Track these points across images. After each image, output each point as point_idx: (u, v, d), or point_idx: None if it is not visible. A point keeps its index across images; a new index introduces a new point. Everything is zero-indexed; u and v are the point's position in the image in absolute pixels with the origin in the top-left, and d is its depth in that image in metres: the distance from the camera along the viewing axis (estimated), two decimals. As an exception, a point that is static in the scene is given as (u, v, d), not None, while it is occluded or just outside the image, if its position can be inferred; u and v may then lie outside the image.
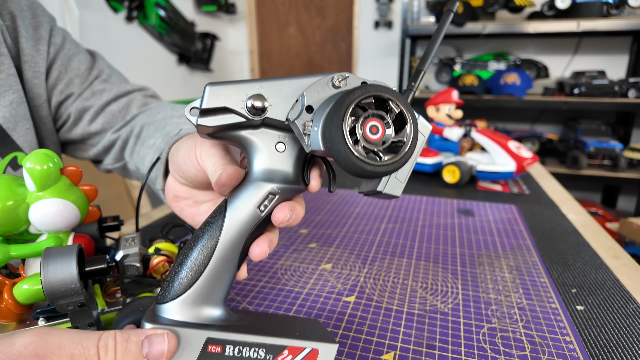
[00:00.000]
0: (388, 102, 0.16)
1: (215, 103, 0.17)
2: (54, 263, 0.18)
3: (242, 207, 0.18)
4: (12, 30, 0.33)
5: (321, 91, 0.17)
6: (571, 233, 0.41)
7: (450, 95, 0.60)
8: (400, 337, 0.24)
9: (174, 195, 0.25)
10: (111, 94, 0.38)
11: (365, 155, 0.15)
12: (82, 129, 0.38)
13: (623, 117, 1.63)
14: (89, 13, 1.38)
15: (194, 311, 0.17)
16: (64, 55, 0.36)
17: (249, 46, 2.24)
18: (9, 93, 0.32)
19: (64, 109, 0.37)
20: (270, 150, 0.18)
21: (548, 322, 0.26)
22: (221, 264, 0.18)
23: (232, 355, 0.17)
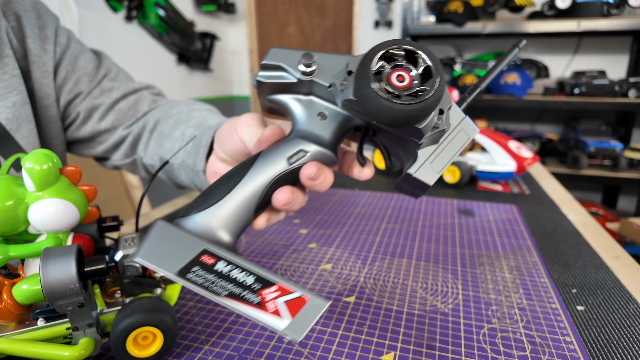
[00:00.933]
0: (418, 57, 0.17)
1: (273, 60, 0.19)
2: (53, 263, 0.18)
3: (273, 155, 0.19)
4: (17, 31, 0.33)
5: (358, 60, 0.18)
6: (571, 233, 0.41)
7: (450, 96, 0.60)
8: (400, 338, 0.24)
9: (213, 172, 0.28)
10: (120, 92, 0.39)
11: (386, 94, 0.16)
12: (91, 127, 0.38)
13: (623, 117, 1.63)
14: (88, 13, 1.38)
15: (205, 228, 0.18)
16: (70, 55, 0.37)
17: (248, 46, 2.24)
18: (12, 94, 0.32)
19: (73, 107, 0.38)
20: (312, 116, 0.20)
21: (548, 323, 0.26)
22: (241, 197, 0.18)
23: (221, 271, 0.17)
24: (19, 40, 0.33)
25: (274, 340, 0.24)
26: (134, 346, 0.21)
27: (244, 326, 0.26)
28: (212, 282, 0.16)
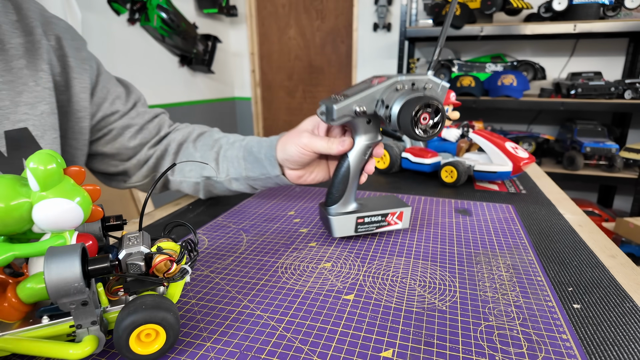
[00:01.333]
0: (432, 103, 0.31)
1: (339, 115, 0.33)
2: (58, 262, 0.18)
3: (357, 154, 0.36)
4: (57, 50, 0.37)
5: (390, 94, 0.32)
6: (568, 232, 0.41)
7: (448, 97, 0.61)
8: (399, 335, 0.25)
9: (297, 177, 0.40)
10: (149, 115, 0.46)
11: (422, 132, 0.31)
12: (120, 144, 0.43)
13: (619, 118, 1.64)
14: (91, 15, 1.39)
15: (344, 207, 0.37)
16: (104, 79, 0.42)
17: (249, 48, 2.25)
18: (42, 104, 0.35)
19: (106, 123, 0.42)
20: (364, 125, 0.35)
21: (545, 320, 0.26)
22: (351, 183, 0.36)
23: (365, 221, 0.37)
24: (59, 58, 0.37)
25: (274, 338, 0.25)
26: (137, 343, 0.21)
27: (245, 324, 0.26)
28: (366, 226, 0.37)
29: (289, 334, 0.25)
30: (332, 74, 2.17)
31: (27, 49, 0.34)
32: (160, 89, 1.73)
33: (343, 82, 2.16)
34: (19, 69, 0.33)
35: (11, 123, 0.32)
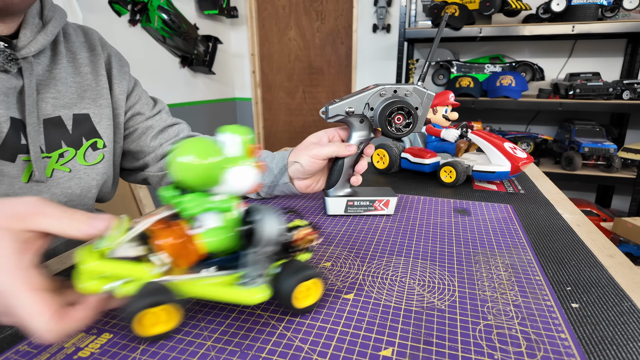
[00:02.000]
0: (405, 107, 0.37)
1: (332, 113, 0.40)
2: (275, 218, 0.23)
3: (352, 149, 0.42)
4: (107, 63, 0.48)
5: (375, 98, 0.39)
6: (566, 232, 0.41)
7: (447, 97, 0.61)
8: (398, 334, 0.25)
9: (305, 186, 0.46)
10: (170, 121, 0.53)
11: (395, 130, 0.38)
12: (143, 142, 0.51)
13: (617, 118, 1.65)
14: (92, 16, 1.39)
15: (339, 191, 0.44)
16: (137, 90, 0.51)
17: (250, 49, 2.25)
18: (101, 99, 0.45)
19: (132, 122, 0.50)
20: (358, 123, 0.42)
21: (543, 319, 0.26)
22: (345, 171, 0.43)
23: (354, 204, 0.44)
24: (107, 69, 0.47)
25: (274, 337, 0.25)
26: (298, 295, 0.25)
27: (245, 322, 0.26)
28: (355, 209, 0.44)
29: (289, 333, 0.25)
30: (332, 74, 2.17)
31: (91, 61, 0.46)
32: (161, 90, 1.73)
33: (343, 83, 2.17)
34: (85, 74, 0.45)
35: (78, 109, 0.43)
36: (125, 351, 0.23)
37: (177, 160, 0.21)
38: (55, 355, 0.23)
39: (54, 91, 0.41)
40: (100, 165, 0.45)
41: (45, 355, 0.23)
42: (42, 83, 0.40)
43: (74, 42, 0.45)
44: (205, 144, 0.22)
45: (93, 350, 0.24)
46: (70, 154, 0.42)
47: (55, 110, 0.40)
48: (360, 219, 0.45)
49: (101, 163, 0.45)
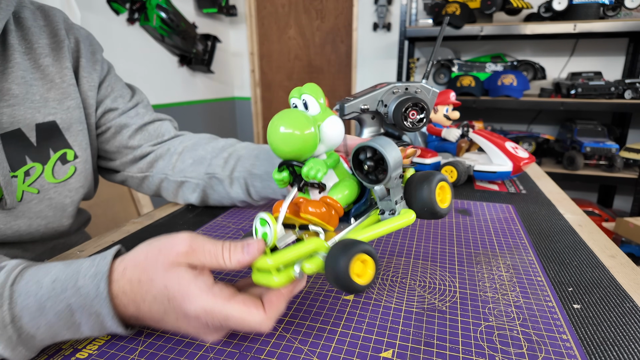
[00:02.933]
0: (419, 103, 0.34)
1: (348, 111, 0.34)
2: (392, 146, 0.24)
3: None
4: (74, 51, 0.40)
5: (388, 96, 0.36)
6: (568, 232, 0.41)
7: (448, 97, 0.61)
8: (398, 335, 0.25)
9: None
10: (150, 117, 0.46)
11: (410, 125, 0.33)
12: (119, 142, 0.44)
13: (619, 118, 1.64)
14: (91, 15, 1.38)
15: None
16: (110, 78, 0.44)
17: (249, 48, 2.25)
18: (68, 99, 0.38)
19: (105, 120, 0.44)
20: (370, 120, 0.38)
21: (545, 320, 0.26)
22: None
23: None
24: (74, 58, 0.40)
25: (274, 338, 0.24)
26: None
27: (244, 324, 0.26)
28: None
29: (288, 334, 0.25)
30: (332, 73, 2.17)
31: (52, 49, 0.37)
32: (160, 89, 1.73)
33: (343, 82, 2.16)
34: (46, 67, 0.37)
35: (42, 116, 0.36)
36: (123, 352, 0.23)
37: (281, 132, 0.22)
38: (53, 357, 0.23)
39: (8, 97, 0.33)
40: (72, 180, 0.39)
41: (43, 357, 0.23)
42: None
43: (30, 27, 0.36)
44: (296, 113, 0.23)
45: (91, 351, 0.23)
46: (36, 170, 0.35)
47: (12, 121, 0.33)
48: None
49: (73, 177, 0.39)
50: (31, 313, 0.21)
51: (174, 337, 0.25)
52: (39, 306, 0.21)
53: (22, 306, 0.21)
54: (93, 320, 0.22)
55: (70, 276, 0.22)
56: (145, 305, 0.22)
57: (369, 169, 0.25)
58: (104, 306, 0.22)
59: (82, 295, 0.22)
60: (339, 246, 0.22)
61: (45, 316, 0.21)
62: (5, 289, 0.21)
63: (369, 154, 0.25)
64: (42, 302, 0.21)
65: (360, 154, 0.26)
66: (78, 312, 0.22)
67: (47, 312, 0.21)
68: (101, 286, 0.22)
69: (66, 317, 0.22)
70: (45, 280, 0.22)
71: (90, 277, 0.22)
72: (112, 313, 0.22)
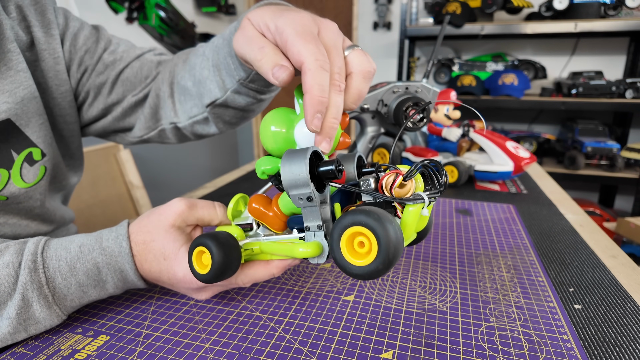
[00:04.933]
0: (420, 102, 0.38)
1: None
2: (292, 158, 0.20)
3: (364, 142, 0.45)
4: (21, 22, 0.32)
5: (388, 95, 0.40)
6: (569, 232, 0.41)
7: (449, 96, 0.61)
8: (399, 336, 0.25)
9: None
10: (123, 62, 0.39)
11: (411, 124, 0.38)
12: (102, 102, 0.39)
13: (620, 118, 1.64)
14: (89, 14, 1.38)
15: None
16: (70, 34, 0.36)
17: (248, 47, 2.24)
18: (19, 89, 0.31)
19: (81, 87, 0.38)
20: (370, 119, 0.44)
21: (546, 321, 0.26)
22: None
23: None
24: (24, 31, 0.33)
25: (274, 339, 0.24)
26: (349, 250, 0.19)
27: (244, 324, 0.26)
28: None
29: (288, 335, 0.25)
30: (332, 73, 2.16)
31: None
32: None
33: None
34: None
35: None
36: (122, 353, 0.23)
37: (271, 130, 0.23)
38: (51, 358, 0.23)
39: None
40: (43, 182, 0.34)
41: (42, 358, 0.23)
42: None
43: None
44: (289, 113, 0.24)
45: (90, 352, 0.23)
46: (3, 177, 0.31)
47: None
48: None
49: (44, 179, 0.34)
50: (63, 274, 0.24)
51: (173, 338, 0.24)
52: (70, 267, 0.24)
53: (54, 269, 0.24)
54: (117, 275, 0.25)
55: (95, 240, 0.25)
56: (147, 264, 0.25)
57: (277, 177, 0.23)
58: (127, 262, 0.25)
59: (108, 254, 0.25)
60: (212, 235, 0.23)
61: (75, 276, 0.24)
62: (38, 255, 0.24)
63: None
64: (72, 264, 0.24)
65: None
66: (104, 269, 0.25)
67: (77, 272, 0.24)
68: (123, 244, 0.25)
69: (94, 274, 0.25)
70: (72, 246, 0.25)
71: (113, 239, 0.25)
72: (134, 268, 0.25)
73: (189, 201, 0.26)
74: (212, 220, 0.27)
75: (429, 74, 0.46)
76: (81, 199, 0.72)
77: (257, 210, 0.24)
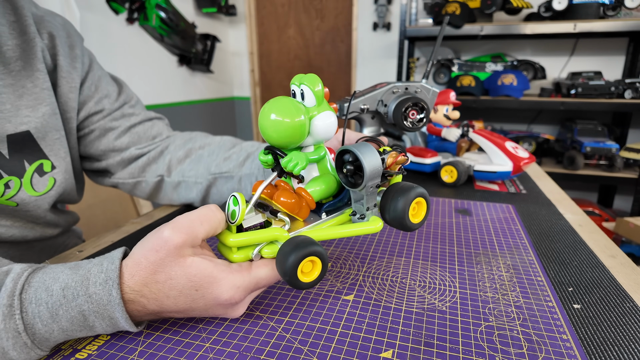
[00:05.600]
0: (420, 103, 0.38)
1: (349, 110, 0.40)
2: (371, 154, 0.24)
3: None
4: (50, 48, 0.36)
5: (388, 96, 0.40)
6: (568, 232, 0.41)
7: (448, 96, 0.61)
8: (398, 335, 0.25)
9: None
10: (138, 117, 0.44)
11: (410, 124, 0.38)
12: (105, 145, 0.42)
13: (619, 118, 1.64)
14: (90, 14, 1.38)
15: None
16: (93, 75, 0.40)
17: (248, 47, 2.25)
18: (42, 105, 0.35)
19: (89, 123, 0.41)
20: (369, 119, 0.44)
21: (545, 321, 0.26)
22: None
23: None
24: (51, 57, 0.36)
25: (274, 339, 0.24)
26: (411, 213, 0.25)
27: (244, 324, 0.26)
28: None
29: (288, 335, 0.25)
30: (332, 73, 2.17)
31: (23, 49, 0.34)
32: (159, 89, 1.73)
33: (343, 82, 2.16)
34: (17, 72, 0.33)
35: (13, 126, 0.33)
36: (122, 353, 0.23)
37: (271, 118, 0.23)
38: (52, 357, 0.23)
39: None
40: (52, 193, 0.36)
41: (43, 357, 0.23)
42: None
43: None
44: (289, 102, 0.23)
45: (90, 352, 0.23)
46: (15, 184, 0.33)
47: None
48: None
49: (53, 189, 0.36)
50: (43, 320, 0.21)
51: (173, 338, 0.25)
52: (52, 314, 0.21)
53: (34, 314, 0.21)
54: (107, 322, 0.22)
55: (80, 283, 0.22)
56: (170, 301, 0.23)
57: (347, 172, 0.25)
58: (117, 311, 0.22)
59: (95, 302, 0.22)
60: (292, 243, 0.22)
61: (58, 322, 0.21)
62: (15, 298, 0.21)
63: (351, 158, 0.25)
64: (54, 310, 0.21)
65: (345, 155, 0.26)
66: (91, 316, 0.22)
67: (60, 319, 0.21)
68: (113, 293, 0.22)
69: (79, 321, 0.22)
70: (54, 287, 0.22)
71: (101, 283, 0.22)
72: (126, 316, 0.22)
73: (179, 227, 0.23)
74: (218, 229, 0.24)
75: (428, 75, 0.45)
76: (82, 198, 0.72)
77: (290, 204, 0.24)
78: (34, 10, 0.36)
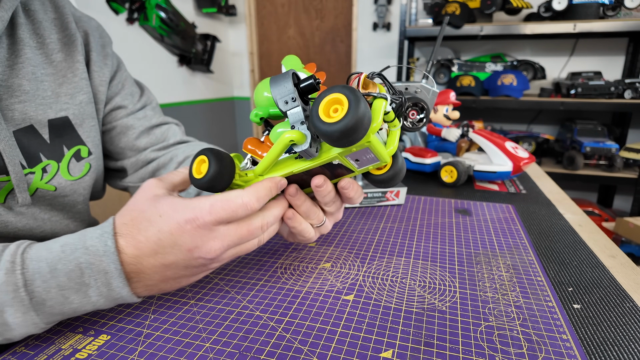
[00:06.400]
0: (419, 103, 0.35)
1: None
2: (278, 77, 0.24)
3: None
4: (85, 45, 0.39)
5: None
6: (568, 232, 0.41)
7: (448, 97, 0.61)
8: (398, 335, 0.25)
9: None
10: (157, 120, 0.46)
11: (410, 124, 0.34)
12: (124, 143, 0.43)
13: (619, 118, 1.64)
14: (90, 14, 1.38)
15: None
16: (120, 75, 0.43)
17: (248, 48, 2.25)
18: (80, 94, 0.37)
19: (112, 119, 0.42)
20: None
21: (545, 320, 0.26)
22: None
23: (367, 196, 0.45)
24: (86, 52, 0.39)
25: (274, 338, 0.24)
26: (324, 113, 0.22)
27: (244, 324, 0.26)
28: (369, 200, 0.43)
29: (288, 335, 0.25)
30: (332, 73, 2.17)
31: (64, 43, 0.37)
32: (159, 89, 1.73)
33: (342, 82, 2.15)
34: (59, 62, 0.36)
35: (54, 112, 0.35)
36: (122, 353, 0.23)
37: (264, 95, 0.26)
38: (52, 357, 0.23)
39: (19, 93, 0.32)
40: (87, 178, 0.38)
41: (43, 357, 0.23)
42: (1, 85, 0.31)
43: (41, 21, 0.35)
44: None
45: (90, 352, 0.23)
46: (52, 167, 0.34)
47: (24, 117, 0.32)
48: (361, 218, 0.44)
49: (88, 175, 0.38)
50: (43, 276, 0.22)
51: (173, 338, 0.25)
52: (51, 269, 0.22)
53: (34, 270, 0.22)
54: (101, 279, 0.23)
55: (78, 239, 0.24)
56: (141, 236, 0.24)
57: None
58: (112, 262, 0.23)
59: (91, 253, 0.23)
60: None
61: (56, 278, 0.22)
62: (17, 256, 0.23)
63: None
64: (54, 264, 0.23)
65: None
66: (87, 271, 0.23)
67: (59, 274, 0.22)
68: (108, 243, 0.23)
69: (76, 277, 0.23)
70: (54, 245, 0.23)
71: (97, 237, 0.24)
72: (120, 269, 0.23)
73: (157, 178, 0.27)
74: (185, 181, 0.28)
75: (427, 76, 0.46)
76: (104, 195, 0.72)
77: (253, 150, 0.28)
78: (73, 10, 0.40)
